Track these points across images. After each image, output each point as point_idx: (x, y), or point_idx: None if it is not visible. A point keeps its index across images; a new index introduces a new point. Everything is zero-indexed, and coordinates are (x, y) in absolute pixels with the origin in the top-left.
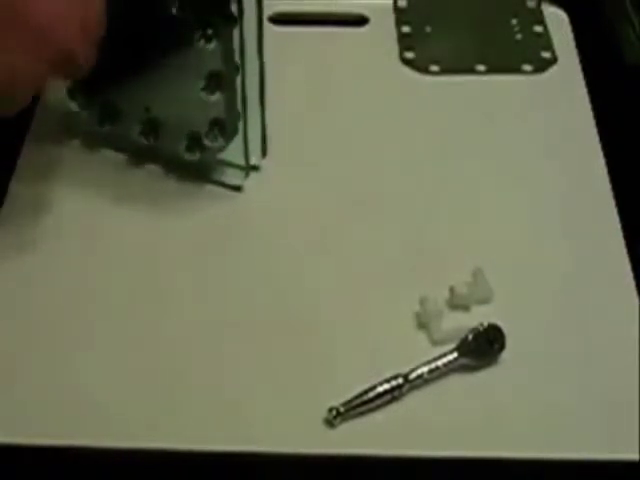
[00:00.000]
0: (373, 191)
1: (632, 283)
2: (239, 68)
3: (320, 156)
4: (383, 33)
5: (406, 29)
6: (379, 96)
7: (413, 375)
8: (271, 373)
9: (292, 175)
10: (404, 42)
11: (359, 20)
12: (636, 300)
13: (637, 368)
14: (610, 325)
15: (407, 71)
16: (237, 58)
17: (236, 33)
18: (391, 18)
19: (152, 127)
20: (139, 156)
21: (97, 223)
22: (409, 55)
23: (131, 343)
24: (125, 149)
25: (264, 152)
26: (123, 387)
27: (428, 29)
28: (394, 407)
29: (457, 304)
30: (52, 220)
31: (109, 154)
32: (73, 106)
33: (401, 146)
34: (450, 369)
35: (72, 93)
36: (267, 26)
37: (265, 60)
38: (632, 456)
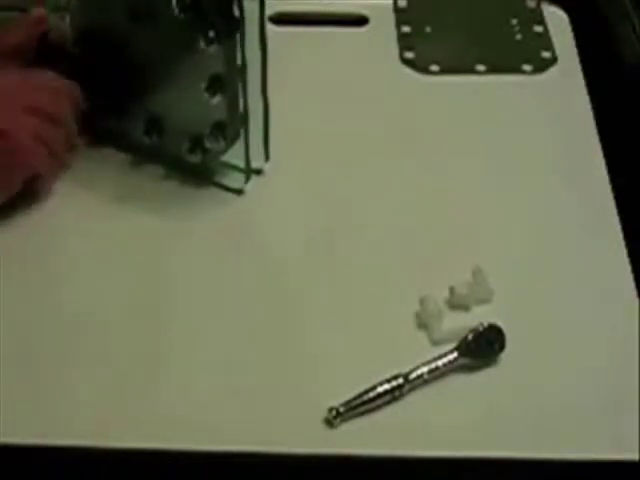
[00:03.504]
0: (374, 192)
1: (632, 283)
2: (241, 71)
3: (321, 159)
4: (383, 33)
5: (406, 29)
6: (379, 96)
7: (413, 375)
8: (271, 373)
9: (293, 178)
10: (404, 42)
11: (359, 20)
12: (636, 300)
13: (637, 368)
14: (610, 325)
15: (407, 71)
16: (239, 61)
17: (238, 36)
18: (391, 18)
19: (155, 126)
20: (142, 156)
21: (98, 222)
22: (409, 55)
23: (130, 343)
24: (128, 148)
25: (267, 156)
26: (123, 388)
27: (428, 29)
28: (394, 407)
29: (457, 304)
30: (52, 219)
31: (112, 154)
32: None
33: (401, 146)
34: (450, 369)
35: None
36: (267, 26)
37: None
38: (632, 456)
